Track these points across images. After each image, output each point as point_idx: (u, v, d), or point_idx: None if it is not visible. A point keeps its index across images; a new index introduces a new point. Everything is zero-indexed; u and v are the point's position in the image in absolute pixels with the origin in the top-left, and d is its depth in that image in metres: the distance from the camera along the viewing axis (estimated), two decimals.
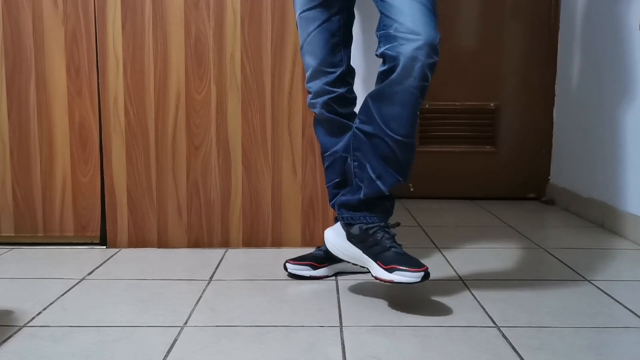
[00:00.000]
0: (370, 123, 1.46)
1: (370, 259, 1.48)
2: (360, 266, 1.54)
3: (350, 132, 1.57)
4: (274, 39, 1.97)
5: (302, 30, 1.62)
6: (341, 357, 1.21)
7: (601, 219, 2.43)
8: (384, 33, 1.45)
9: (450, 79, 2.98)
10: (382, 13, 1.49)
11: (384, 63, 1.46)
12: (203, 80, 1.99)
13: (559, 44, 2.93)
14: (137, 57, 1.98)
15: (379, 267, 1.45)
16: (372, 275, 1.47)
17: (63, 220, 2.05)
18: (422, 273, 1.41)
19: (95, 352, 1.23)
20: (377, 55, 1.47)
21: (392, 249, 1.46)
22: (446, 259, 1.93)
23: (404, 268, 1.42)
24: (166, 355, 1.22)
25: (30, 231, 2.06)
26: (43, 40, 1.98)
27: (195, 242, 2.05)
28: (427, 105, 3.00)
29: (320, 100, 1.64)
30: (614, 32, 2.38)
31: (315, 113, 1.69)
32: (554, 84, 2.96)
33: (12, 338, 1.30)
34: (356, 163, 1.51)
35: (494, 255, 1.99)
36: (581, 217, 2.61)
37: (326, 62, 1.61)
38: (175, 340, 1.30)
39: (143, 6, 1.96)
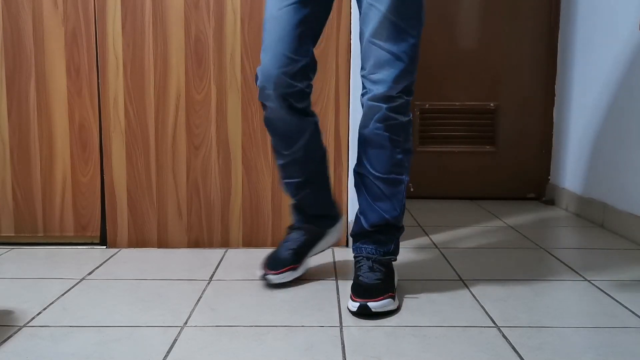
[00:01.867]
0: (360, 164, 1.57)
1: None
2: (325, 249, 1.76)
3: (312, 128, 1.59)
4: None
5: (272, 2, 1.48)
6: (341, 357, 1.21)
7: (601, 219, 2.43)
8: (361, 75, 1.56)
9: (450, 79, 2.98)
10: (361, 49, 1.55)
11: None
12: (203, 80, 1.99)
13: (559, 44, 2.93)
14: (137, 57, 1.98)
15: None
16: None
17: (63, 220, 2.05)
18: (358, 304, 1.43)
19: (95, 352, 1.23)
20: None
21: (360, 278, 1.51)
22: (446, 259, 1.93)
23: (351, 295, 1.47)
24: (166, 355, 1.22)
25: (30, 231, 2.06)
26: (43, 40, 1.98)
27: (195, 242, 2.05)
28: (427, 105, 3.00)
29: (277, 93, 1.49)
30: (614, 32, 2.38)
31: (266, 107, 1.54)
32: (554, 84, 2.96)
33: (12, 338, 1.30)
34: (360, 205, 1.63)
35: (494, 255, 1.99)
36: (581, 217, 2.61)
37: (292, 47, 1.47)
38: (175, 340, 1.30)
39: (143, 6, 1.96)
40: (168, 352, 1.23)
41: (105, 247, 2.06)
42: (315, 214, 1.71)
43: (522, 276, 1.75)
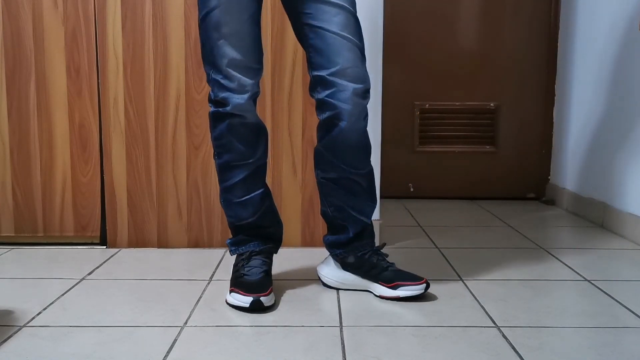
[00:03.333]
0: (334, 170, 1.53)
1: (371, 282, 1.59)
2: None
3: (265, 136, 1.57)
4: (274, 38, 1.97)
5: (227, 17, 1.43)
6: (341, 357, 1.21)
7: (601, 219, 2.43)
8: (319, 76, 1.47)
9: (450, 79, 2.98)
10: (314, 50, 1.47)
11: (323, 110, 1.49)
12: (203, 80, 1.99)
13: (559, 44, 2.93)
14: (137, 57, 1.98)
15: (382, 287, 1.56)
16: (376, 295, 1.57)
17: (63, 220, 2.05)
18: (424, 285, 1.55)
19: (95, 352, 1.23)
20: (314, 98, 1.51)
21: (390, 268, 1.58)
22: (446, 259, 1.93)
23: (407, 283, 1.54)
24: (166, 355, 1.22)
25: (30, 231, 2.06)
26: (43, 40, 1.98)
27: (195, 242, 2.05)
28: (427, 105, 3.00)
29: (246, 99, 1.47)
30: (614, 32, 2.38)
31: (225, 118, 1.48)
32: (554, 84, 2.96)
33: (12, 338, 1.30)
34: (332, 208, 1.58)
35: (494, 255, 1.99)
36: (581, 217, 2.61)
37: (255, 57, 1.47)
38: (175, 340, 1.30)
39: (143, 6, 1.96)
40: (168, 352, 1.23)
41: (105, 247, 2.06)
42: (271, 227, 1.62)
43: (522, 276, 1.75)
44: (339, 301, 1.54)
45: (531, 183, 3.04)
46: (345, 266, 1.61)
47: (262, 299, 1.46)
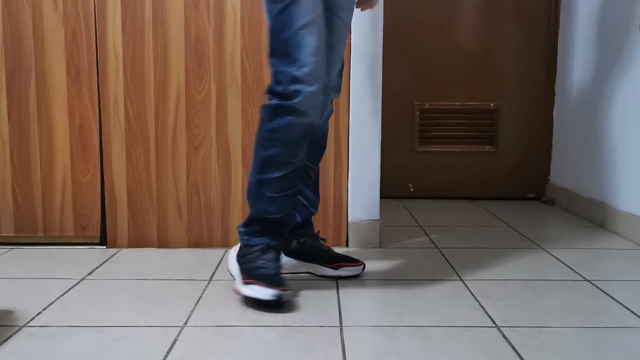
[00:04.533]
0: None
1: (313, 264, 1.73)
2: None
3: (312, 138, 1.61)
4: None
5: (308, 6, 1.43)
6: (341, 357, 1.21)
7: (601, 219, 2.43)
8: None
9: (450, 79, 2.98)
10: None
11: None
12: (203, 80, 1.99)
13: (559, 44, 2.93)
14: (137, 57, 1.98)
15: (325, 267, 1.72)
16: (318, 275, 1.73)
17: (63, 220, 2.05)
18: (362, 266, 1.73)
19: (95, 352, 1.23)
20: None
21: (330, 252, 1.74)
22: (446, 259, 1.93)
23: (348, 264, 1.72)
24: (166, 355, 1.22)
25: (30, 231, 2.06)
26: (43, 40, 1.98)
27: (195, 242, 2.05)
28: (427, 105, 3.00)
29: (317, 90, 1.46)
30: (614, 32, 2.38)
31: (288, 113, 1.46)
32: (554, 84, 2.96)
33: (12, 338, 1.30)
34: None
35: (494, 255, 1.99)
36: (581, 217, 2.61)
37: (326, 51, 1.51)
38: (175, 340, 1.30)
39: (143, 6, 1.96)
40: (168, 352, 1.23)
41: (105, 247, 2.06)
42: (290, 225, 1.64)
43: (522, 276, 1.75)
44: (339, 301, 1.54)
45: (531, 183, 3.04)
46: (288, 252, 1.71)
47: (286, 292, 1.48)
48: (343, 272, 1.70)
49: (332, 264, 1.70)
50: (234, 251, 1.64)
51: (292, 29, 1.43)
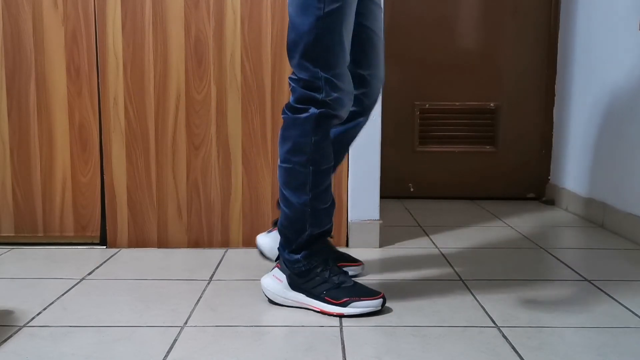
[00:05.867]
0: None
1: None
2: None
3: None
4: (273, 38, 1.97)
5: (350, 13, 1.38)
6: (341, 357, 1.21)
7: (601, 219, 2.43)
8: (359, 73, 1.54)
9: (450, 79, 2.98)
10: (360, 48, 1.51)
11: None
12: (203, 80, 1.99)
13: (559, 44, 2.93)
14: (137, 57, 1.98)
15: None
16: None
17: (63, 220, 2.05)
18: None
19: (95, 352, 1.23)
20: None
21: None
22: (446, 259, 1.93)
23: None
24: (166, 355, 1.22)
25: (30, 231, 2.06)
26: (43, 40, 1.98)
27: (195, 242, 2.05)
28: (427, 105, 3.00)
29: (350, 104, 1.45)
30: (614, 32, 2.38)
31: (331, 120, 1.43)
32: (554, 84, 2.96)
33: (12, 338, 1.30)
34: None
35: (494, 255, 1.99)
36: (581, 217, 2.61)
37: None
38: (175, 340, 1.30)
39: (143, 6, 1.96)
40: (168, 352, 1.23)
41: (105, 247, 2.06)
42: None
43: (522, 276, 1.75)
44: None
45: (531, 183, 3.04)
46: None
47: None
48: None
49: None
50: (277, 284, 1.50)
51: (336, 34, 1.35)
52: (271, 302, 1.51)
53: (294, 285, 1.48)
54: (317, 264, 1.47)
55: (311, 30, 1.34)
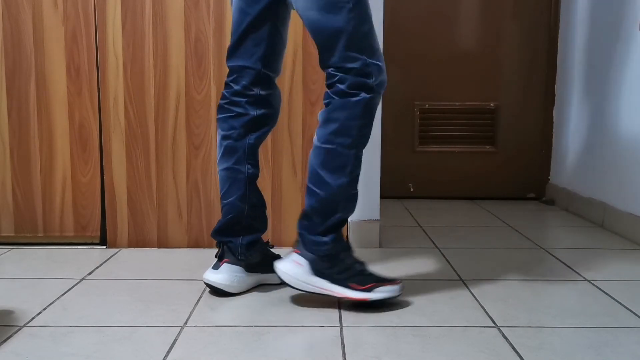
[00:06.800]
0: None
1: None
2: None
3: None
4: None
5: (367, 2, 1.44)
6: (341, 357, 1.21)
7: (601, 219, 2.43)
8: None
9: (450, 79, 2.98)
10: (275, 49, 1.57)
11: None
12: (203, 80, 1.99)
13: (559, 44, 2.93)
14: (137, 57, 1.98)
15: None
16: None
17: (63, 220, 2.05)
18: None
19: (95, 352, 1.23)
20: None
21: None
22: (446, 259, 1.93)
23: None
24: (166, 355, 1.22)
25: (30, 231, 2.06)
26: (43, 40, 1.98)
27: (195, 242, 2.05)
28: (427, 105, 3.00)
29: None
30: (614, 32, 2.38)
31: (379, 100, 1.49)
32: (554, 84, 2.96)
33: (12, 338, 1.30)
34: None
35: (494, 255, 1.99)
36: (581, 217, 2.61)
37: None
38: (175, 340, 1.30)
39: (143, 6, 1.96)
40: (168, 352, 1.23)
41: (105, 247, 2.06)
42: None
43: (522, 276, 1.75)
44: (339, 301, 1.54)
45: (531, 183, 3.04)
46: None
47: None
48: None
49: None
50: (297, 268, 1.48)
51: (369, 21, 1.43)
52: (288, 286, 1.48)
53: (317, 270, 1.47)
54: (341, 249, 1.49)
55: (347, 23, 1.40)
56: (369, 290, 1.46)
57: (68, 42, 1.99)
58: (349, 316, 1.43)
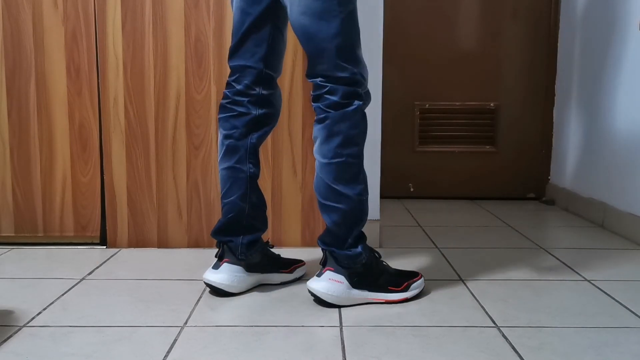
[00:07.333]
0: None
1: None
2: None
3: None
4: None
5: (356, 13, 1.46)
6: (341, 357, 1.21)
7: (601, 219, 2.43)
8: None
9: (450, 79, 2.98)
10: (275, 50, 1.59)
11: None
12: (203, 80, 1.99)
13: (559, 44, 2.93)
14: (137, 57, 1.98)
15: None
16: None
17: (63, 220, 2.05)
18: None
19: (95, 352, 1.23)
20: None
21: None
22: (446, 259, 1.93)
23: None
24: (166, 355, 1.22)
25: (30, 231, 2.06)
26: (43, 40, 1.98)
27: (195, 242, 2.05)
28: (427, 105, 3.00)
29: None
30: (614, 32, 2.38)
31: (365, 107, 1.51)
32: (554, 84, 2.96)
33: (12, 338, 1.30)
34: None
35: (494, 255, 1.99)
36: (581, 217, 2.61)
37: None
38: (175, 340, 1.30)
39: (143, 6, 1.96)
40: (168, 352, 1.23)
41: (105, 247, 2.06)
42: None
43: (522, 276, 1.75)
44: None
45: (531, 183, 3.04)
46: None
47: None
48: (298, 273, 1.71)
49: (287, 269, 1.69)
50: (338, 286, 1.47)
51: (359, 32, 1.45)
52: (331, 305, 1.48)
53: (356, 283, 1.49)
54: (371, 255, 1.52)
55: (339, 32, 1.40)
56: (406, 289, 1.53)
57: (68, 42, 1.99)
58: (349, 316, 1.43)
